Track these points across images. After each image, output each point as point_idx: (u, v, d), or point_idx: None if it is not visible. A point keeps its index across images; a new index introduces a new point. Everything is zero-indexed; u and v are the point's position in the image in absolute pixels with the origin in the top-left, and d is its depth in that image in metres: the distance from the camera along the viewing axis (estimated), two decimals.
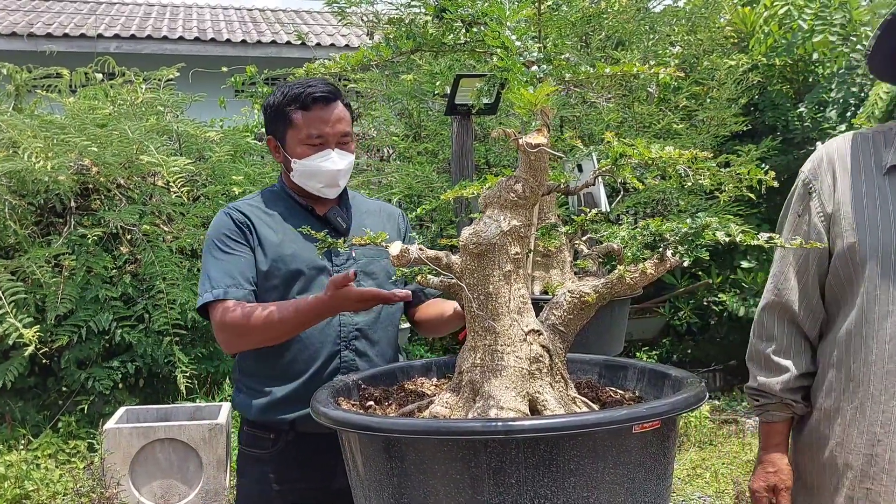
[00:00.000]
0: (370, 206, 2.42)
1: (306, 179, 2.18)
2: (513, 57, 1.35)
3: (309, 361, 2.14)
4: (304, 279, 2.15)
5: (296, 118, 2.15)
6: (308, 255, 2.16)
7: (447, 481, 1.42)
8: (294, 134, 2.16)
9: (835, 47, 5.93)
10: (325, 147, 2.16)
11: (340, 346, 2.17)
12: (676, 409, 1.48)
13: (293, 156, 2.17)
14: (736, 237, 1.59)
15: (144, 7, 13.70)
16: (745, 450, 4.86)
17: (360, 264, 2.22)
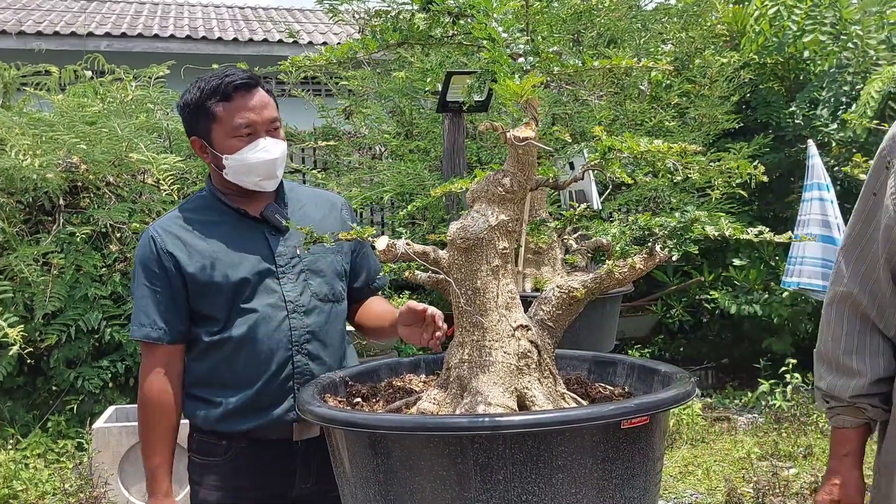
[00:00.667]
0: (310, 197, 2.25)
1: (242, 175, 2.02)
2: (499, 49, 1.34)
3: (260, 369, 2.01)
4: (251, 286, 2.02)
5: (219, 111, 1.99)
6: (251, 262, 2.03)
7: (434, 478, 1.41)
8: (220, 128, 2.00)
9: (825, 46, 5.94)
10: (256, 137, 2.00)
11: (292, 350, 2.04)
12: (665, 405, 1.47)
13: (223, 152, 2.00)
14: (725, 231, 1.58)
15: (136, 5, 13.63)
16: (737, 447, 4.86)
17: (307, 262, 2.09)
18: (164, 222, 2.08)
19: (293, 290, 2.04)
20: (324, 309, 2.09)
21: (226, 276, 1.99)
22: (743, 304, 6.18)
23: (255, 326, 2.00)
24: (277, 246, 2.06)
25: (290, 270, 2.06)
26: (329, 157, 7.67)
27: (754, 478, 4.03)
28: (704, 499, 4.17)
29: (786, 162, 6.49)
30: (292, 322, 2.03)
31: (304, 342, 2.05)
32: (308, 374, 2.03)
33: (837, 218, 5.18)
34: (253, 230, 2.07)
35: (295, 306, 2.04)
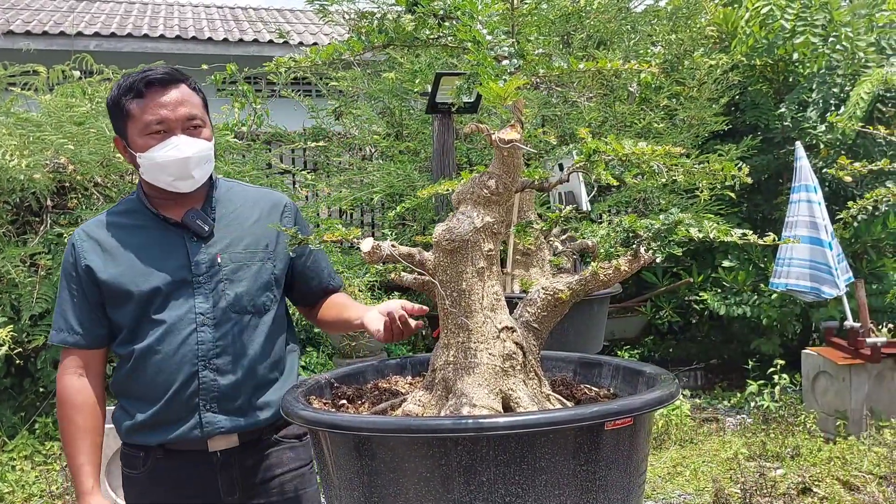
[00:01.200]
0: (249, 198, 2.13)
1: (156, 174, 1.94)
2: (483, 51, 1.34)
3: (166, 384, 1.93)
4: (163, 296, 1.94)
5: (132, 108, 1.91)
6: (166, 270, 1.95)
7: (418, 480, 1.40)
8: (134, 126, 1.92)
9: (815, 48, 5.97)
10: (170, 134, 1.91)
11: (199, 365, 1.94)
12: (649, 406, 1.47)
13: (137, 150, 1.93)
14: (709, 233, 1.59)
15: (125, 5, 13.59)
16: (725, 447, 4.87)
17: (227, 271, 1.99)
18: (89, 226, 2.02)
19: (206, 302, 1.96)
20: (240, 321, 1.99)
21: (137, 285, 1.92)
22: (732, 305, 6.20)
23: (161, 339, 1.93)
24: (197, 253, 1.97)
25: (208, 280, 1.97)
26: (319, 158, 7.67)
27: (742, 478, 4.04)
28: (692, 499, 4.18)
29: (774, 164, 6.52)
30: (200, 335, 1.94)
31: (212, 357, 1.95)
32: (215, 391, 1.95)
33: (825, 220, 5.22)
34: (173, 236, 1.99)
35: (204, 319, 1.95)
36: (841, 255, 5.31)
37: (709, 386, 6.72)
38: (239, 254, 2.01)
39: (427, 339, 6.58)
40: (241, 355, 1.97)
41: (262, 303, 2.03)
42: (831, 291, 5.14)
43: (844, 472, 4.24)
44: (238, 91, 6.74)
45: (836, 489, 4.03)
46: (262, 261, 2.03)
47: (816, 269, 5.21)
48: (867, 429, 4.83)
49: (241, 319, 1.98)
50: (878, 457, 4.37)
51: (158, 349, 1.92)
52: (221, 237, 2.01)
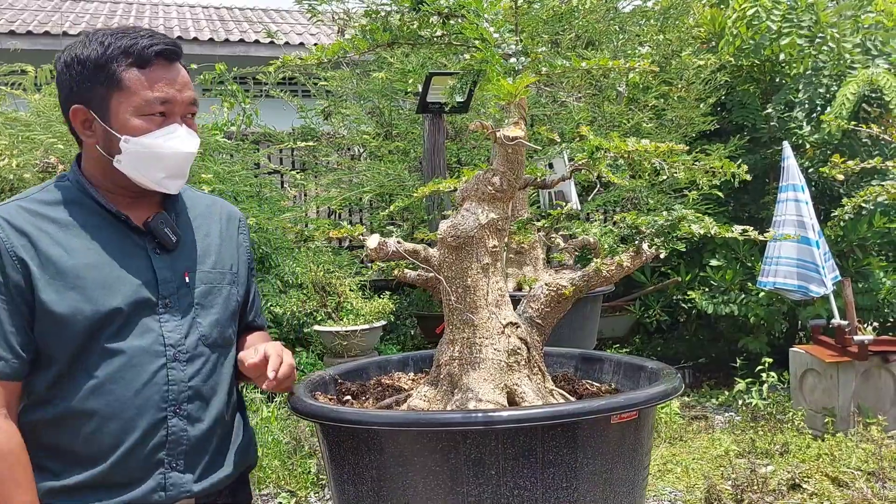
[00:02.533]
0: (205, 205, 1.74)
1: (143, 167, 1.53)
2: (491, 49, 1.36)
3: (119, 435, 1.48)
4: (122, 320, 1.50)
5: (129, 78, 1.50)
6: (128, 287, 1.51)
7: (426, 473, 1.42)
8: (125, 100, 1.50)
9: (801, 49, 6.02)
10: (171, 120, 1.54)
11: (168, 411, 1.52)
12: (654, 400, 1.49)
13: (123, 131, 1.50)
14: (711, 230, 1.61)
15: (110, 4, 13.52)
16: (715, 445, 4.91)
17: (198, 293, 1.60)
18: (9, 210, 1.51)
19: (177, 331, 1.55)
20: (210, 357, 1.60)
21: (92, 303, 1.47)
22: (719, 303, 6.24)
23: (118, 375, 1.49)
24: (163, 269, 1.57)
25: (176, 303, 1.57)
26: (307, 158, 7.66)
27: (733, 475, 4.08)
28: (684, 496, 4.21)
29: (761, 163, 6.57)
30: (171, 373, 1.53)
31: (183, 400, 1.54)
32: (184, 443, 1.54)
33: (812, 219, 5.26)
34: (133, 245, 1.56)
35: (177, 352, 1.54)
36: (828, 253, 5.36)
37: (697, 384, 6.76)
38: (208, 273, 1.64)
39: (416, 338, 6.60)
40: (211, 400, 1.60)
41: (229, 335, 1.67)
42: (818, 290, 5.19)
43: (833, 468, 4.27)
44: (227, 91, 6.74)
45: (826, 485, 4.07)
46: (230, 284, 1.68)
47: (804, 267, 5.25)
48: (855, 425, 4.87)
49: (212, 356, 1.61)
50: (866, 453, 4.41)
51: (112, 388, 1.48)
52: (187, 252, 1.63)
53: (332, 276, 5.31)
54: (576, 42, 6.25)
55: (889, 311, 6.31)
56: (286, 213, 5.98)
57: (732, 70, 6.62)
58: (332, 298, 5.28)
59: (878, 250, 6.53)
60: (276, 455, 4.29)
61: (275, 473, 4.20)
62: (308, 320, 5.30)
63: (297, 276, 5.35)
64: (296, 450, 4.34)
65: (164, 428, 1.52)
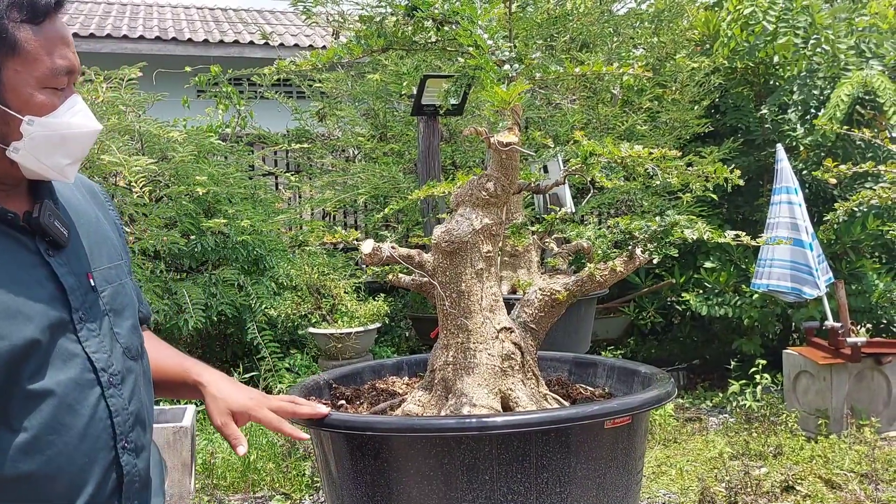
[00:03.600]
0: (69, 188, 1.35)
1: (48, 153, 1.19)
2: (485, 55, 1.36)
3: (70, 496, 1.16)
4: (40, 353, 1.15)
5: (23, 39, 1.14)
6: (39, 307, 1.16)
7: (421, 478, 1.42)
8: (26, 69, 1.15)
9: (797, 50, 6.04)
10: (70, 92, 1.22)
11: (116, 448, 1.23)
12: (647, 405, 1.50)
13: (24, 109, 1.16)
14: (703, 235, 1.62)
15: (104, 5, 13.50)
16: (709, 447, 4.92)
17: (107, 296, 1.29)
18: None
19: (101, 350, 1.23)
20: (136, 371, 1.31)
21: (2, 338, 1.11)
22: (713, 305, 6.26)
23: (56, 422, 1.15)
24: (65, 275, 1.22)
25: (88, 314, 1.24)
26: (302, 160, 7.67)
27: (727, 477, 4.09)
28: (678, 498, 4.22)
29: (755, 166, 6.59)
30: (111, 402, 1.22)
31: (128, 430, 1.25)
32: (137, 480, 1.26)
33: (805, 221, 5.28)
34: (22, 249, 1.20)
35: (109, 375, 1.23)
36: (821, 255, 5.38)
37: (691, 386, 6.78)
38: (109, 270, 1.32)
39: (411, 340, 6.60)
40: (147, 422, 1.33)
41: (140, 341, 1.37)
42: (812, 292, 5.21)
43: (826, 470, 4.29)
44: (221, 93, 6.73)
45: (819, 487, 4.08)
46: (128, 276, 1.39)
47: (797, 269, 5.28)
48: (848, 427, 4.89)
49: (137, 368, 1.32)
50: (859, 455, 4.43)
51: (51, 440, 1.14)
52: (77, 248, 1.28)
53: (326, 279, 5.30)
54: (570, 44, 6.26)
55: (882, 313, 6.34)
56: (280, 216, 5.98)
57: (726, 72, 6.64)
58: (326, 301, 5.28)
59: (872, 252, 6.56)
60: (270, 457, 4.30)
61: (269, 476, 4.20)
62: (303, 322, 5.30)
63: (291, 279, 5.35)
64: (290, 452, 4.34)
65: (117, 467, 1.23)
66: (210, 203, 5.45)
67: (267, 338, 5.16)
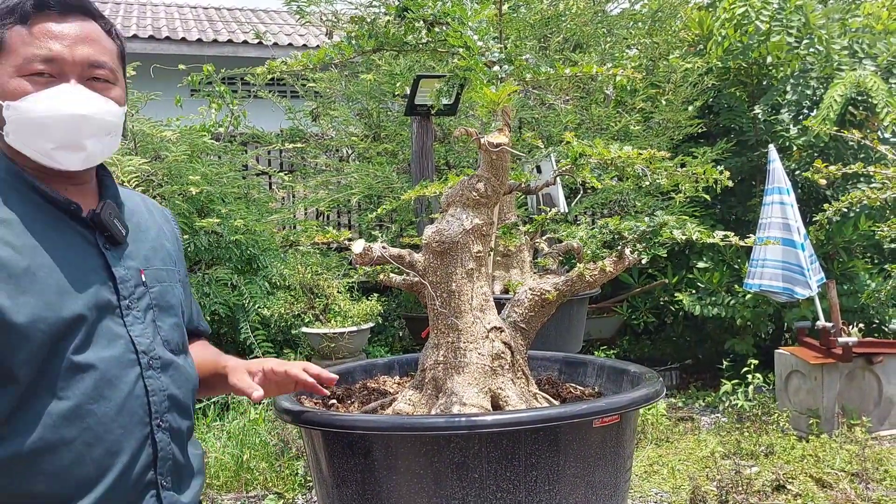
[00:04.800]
0: (135, 201, 1.54)
1: (29, 135, 1.29)
2: (475, 57, 1.37)
3: (106, 461, 1.27)
4: (86, 327, 1.28)
5: (9, 37, 1.30)
6: (88, 286, 1.30)
7: (411, 477, 1.43)
8: (6, 61, 1.30)
9: (790, 48, 6.06)
10: (60, 81, 1.30)
11: (151, 425, 1.34)
12: (636, 404, 1.51)
13: (3, 96, 1.29)
14: (692, 235, 1.63)
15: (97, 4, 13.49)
16: (701, 446, 4.94)
17: (155, 293, 1.42)
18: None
19: (144, 335, 1.36)
20: (177, 363, 1.43)
21: (52, 309, 1.24)
22: (706, 305, 6.28)
23: (96, 393, 1.27)
24: (117, 265, 1.36)
25: (136, 304, 1.37)
26: (296, 160, 7.67)
27: (718, 476, 4.11)
28: (669, 497, 4.24)
29: (747, 166, 6.61)
30: (149, 383, 1.34)
31: (164, 410, 1.37)
32: (170, 459, 1.37)
33: (797, 221, 5.31)
34: (82, 239, 1.34)
35: (150, 359, 1.36)
36: (813, 256, 5.41)
37: (684, 385, 6.80)
38: (160, 271, 1.47)
39: (405, 339, 6.61)
40: (185, 411, 1.44)
41: (185, 338, 1.51)
42: (804, 292, 5.23)
43: (817, 469, 4.31)
44: (215, 92, 6.73)
45: (810, 486, 4.10)
46: (179, 283, 1.53)
47: (789, 269, 5.30)
48: (839, 427, 4.91)
49: (177, 361, 1.43)
50: (850, 454, 4.45)
51: (91, 409, 1.26)
52: (136, 247, 1.43)
53: (320, 278, 5.31)
54: (564, 45, 6.27)
55: (875, 312, 6.37)
56: (274, 215, 5.98)
57: (720, 73, 6.67)
58: (320, 300, 5.28)
59: (864, 253, 6.59)
60: (263, 457, 4.30)
61: (262, 475, 4.21)
62: (296, 322, 5.30)
63: (284, 278, 5.35)
64: (283, 451, 4.34)
65: (152, 443, 1.34)
66: (203, 203, 5.44)
67: (260, 337, 5.16)
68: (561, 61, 6.10)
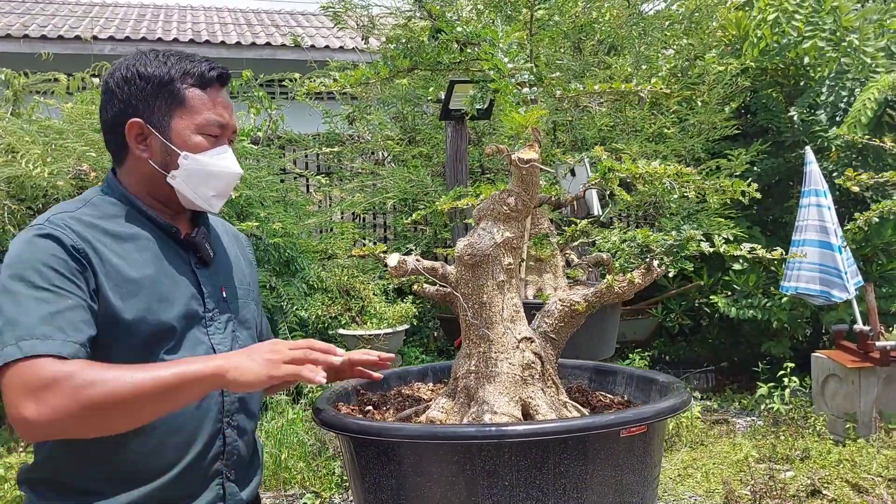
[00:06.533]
0: (220, 228, 1.81)
1: (196, 184, 1.58)
2: (505, 80, 1.42)
3: (182, 449, 1.51)
4: (177, 333, 1.52)
5: (193, 97, 1.57)
6: (181, 300, 1.54)
7: (443, 484, 1.49)
8: (188, 118, 1.56)
9: (824, 52, 6.01)
10: (222, 142, 1.61)
11: (223, 422, 1.58)
12: (662, 415, 1.55)
13: (182, 147, 1.56)
14: (719, 248, 1.66)
15: (138, 9, 13.73)
16: (735, 450, 4.93)
17: (234, 309, 1.66)
18: (65, 220, 1.49)
19: (223, 343, 1.59)
20: None
21: (153, 314, 1.48)
22: (742, 307, 6.25)
23: None
24: (206, 283, 1.61)
25: (218, 317, 1.61)
26: (332, 163, 7.77)
27: (752, 480, 4.11)
28: (702, 501, 4.24)
29: (784, 167, 6.57)
30: None
31: (234, 411, 1.60)
32: (236, 454, 1.60)
33: (835, 223, 5.27)
34: (179, 258, 1.60)
35: None
36: (851, 258, 5.36)
37: (719, 388, 6.77)
38: (239, 290, 1.71)
39: (439, 340, 6.67)
40: (252, 413, 1.67)
41: None
42: (841, 295, 5.20)
43: (853, 474, 4.29)
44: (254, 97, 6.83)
45: (846, 491, 4.08)
46: (255, 303, 1.77)
47: (826, 272, 5.27)
48: (876, 431, 4.88)
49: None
50: (887, 459, 4.42)
51: None
52: (220, 268, 1.69)
53: (356, 281, 5.39)
54: (598, 47, 6.29)
55: None
56: (311, 219, 6.07)
57: (756, 73, 6.62)
58: (356, 302, 5.36)
59: None
60: (301, 456, 4.39)
61: (300, 474, 4.29)
62: (333, 323, 5.39)
63: (321, 280, 5.44)
64: (320, 451, 4.43)
65: (220, 439, 1.56)
66: (243, 206, 5.55)
67: (298, 339, 5.24)
68: (595, 64, 6.12)
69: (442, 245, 5.99)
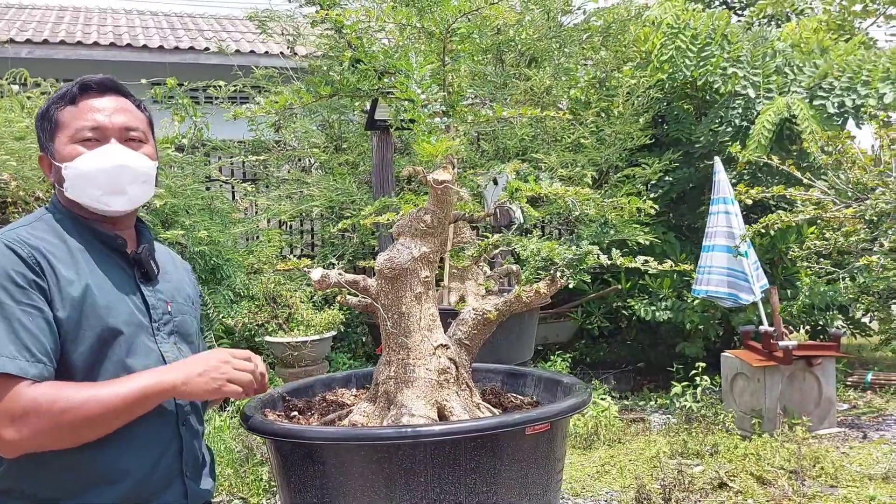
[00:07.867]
0: (164, 252, 1.90)
1: (83, 187, 1.64)
2: (418, 110, 1.55)
3: (149, 448, 1.61)
4: (124, 340, 1.60)
5: (62, 116, 1.66)
6: (126, 308, 1.63)
7: (364, 482, 1.61)
8: (62, 135, 1.66)
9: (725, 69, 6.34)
10: (103, 143, 1.66)
11: (178, 424, 1.68)
12: (564, 413, 1.70)
13: (62, 160, 1.64)
14: (616, 261, 1.83)
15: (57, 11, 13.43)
16: (650, 446, 5.15)
17: (177, 322, 1.75)
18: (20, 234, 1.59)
19: (171, 351, 1.69)
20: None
21: (98, 319, 1.57)
22: (657, 310, 6.52)
23: None
24: (150, 296, 1.71)
25: (163, 328, 1.70)
26: (258, 170, 7.78)
27: (662, 475, 4.32)
28: (619, 496, 4.44)
29: (696, 176, 6.87)
30: None
31: (187, 413, 1.70)
32: (192, 453, 1.70)
33: (741, 230, 5.57)
34: (123, 271, 1.69)
35: None
36: (757, 262, 5.67)
37: (638, 388, 7.03)
38: (182, 305, 1.79)
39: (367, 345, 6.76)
40: (199, 414, 1.77)
41: None
42: (748, 297, 5.49)
43: (758, 467, 4.54)
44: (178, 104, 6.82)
45: (750, 483, 4.33)
46: (195, 319, 1.85)
47: (734, 276, 5.56)
48: (780, 427, 5.17)
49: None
50: (789, 452, 4.70)
51: None
52: (163, 286, 1.77)
53: (282, 288, 5.44)
54: (519, 59, 6.48)
55: (819, 316, 6.66)
56: (237, 227, 6.09)
57: (667, 87, 6.90)
58: (282, 310, 5.42)
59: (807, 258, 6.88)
60: (228, 463, 4.43)
61: (227, 481, 4.33)
62: (259, 331, 5.43)
63: (248, 288, 5.47)
64: (248, 458, 4.47)
65: (179, 439, 1.66)
66: (168, 214, 5.54)
67: (224, 346, 5.27)
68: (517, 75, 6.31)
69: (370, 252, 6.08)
